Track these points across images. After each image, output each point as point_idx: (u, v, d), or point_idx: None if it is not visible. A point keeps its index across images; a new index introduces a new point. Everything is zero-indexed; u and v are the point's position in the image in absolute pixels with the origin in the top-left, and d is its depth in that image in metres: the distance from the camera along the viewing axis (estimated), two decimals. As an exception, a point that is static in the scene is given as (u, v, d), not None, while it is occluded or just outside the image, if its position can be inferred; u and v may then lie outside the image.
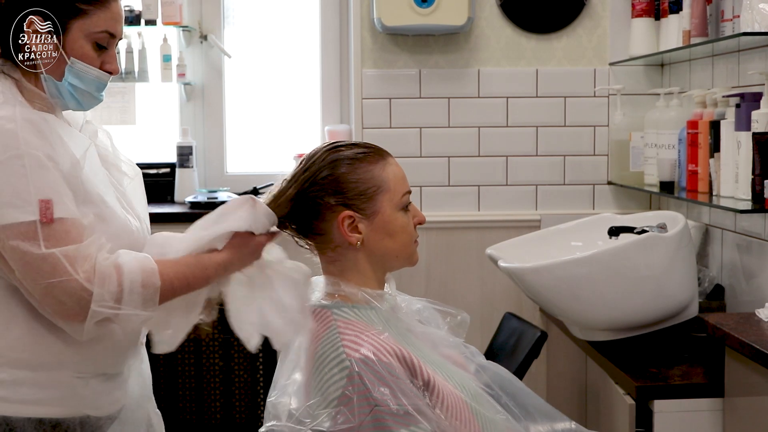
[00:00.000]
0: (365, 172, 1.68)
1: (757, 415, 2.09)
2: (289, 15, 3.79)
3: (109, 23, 1.71)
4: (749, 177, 2.50)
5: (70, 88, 1.71)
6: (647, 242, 2.48)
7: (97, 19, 1.69)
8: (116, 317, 1.62)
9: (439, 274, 3.51)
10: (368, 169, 1.68)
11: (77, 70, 1.70)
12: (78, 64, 1.70)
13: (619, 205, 3.54)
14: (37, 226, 1.58)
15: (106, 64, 1.74)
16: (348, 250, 1.69)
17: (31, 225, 1.58)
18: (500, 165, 3.53)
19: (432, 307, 1.83)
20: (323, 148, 1.73)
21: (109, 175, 1.80)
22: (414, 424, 1.50)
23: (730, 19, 2.67)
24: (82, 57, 1.70)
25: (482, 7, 3.47)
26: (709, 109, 2.81)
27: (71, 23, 1.68)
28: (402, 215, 1.71)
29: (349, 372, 1.52)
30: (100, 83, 1.74)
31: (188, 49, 3.71)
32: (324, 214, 1.68)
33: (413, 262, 1.75)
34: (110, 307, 1.60)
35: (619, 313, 2.53)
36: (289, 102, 3.81)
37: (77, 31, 1.69)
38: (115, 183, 1.81)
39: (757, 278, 2.70)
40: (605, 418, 2.55)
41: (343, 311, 1.65)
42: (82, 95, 1.73)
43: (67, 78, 1.70)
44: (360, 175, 1.68)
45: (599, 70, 3.51)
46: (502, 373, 1.75)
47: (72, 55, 1.69)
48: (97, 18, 1.69)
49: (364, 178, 1.68)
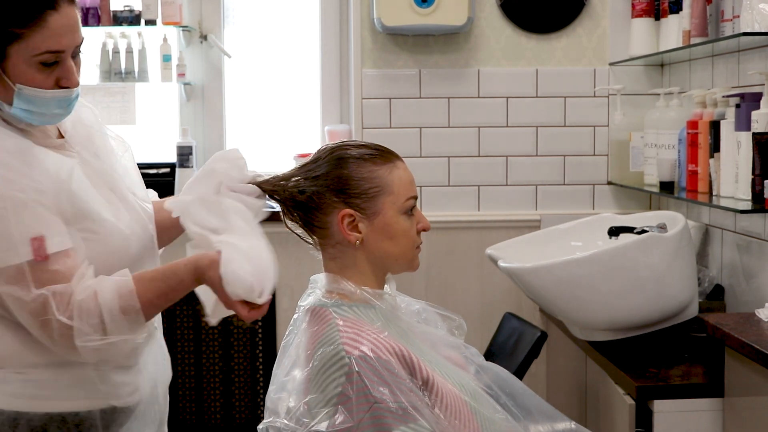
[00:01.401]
0: (369, 173, 1.68)
1: (757, 415, 2.09)
2: (289, 15, 3.79)
3: (50, 42, 1.58)
4: (749, 177, 2.50)
5: (23, 114, 1.62)
6: (647, 242, 2.48)
7: (34, 41, 1.57)
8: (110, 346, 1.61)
9: (439, 274, 3.51)
10: (372, 170, 1.69)
11: (26, 96, 1.60)
12: (25, 89, 1.60)
13: (619, 205, 3.54)
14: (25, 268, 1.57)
15: (62, 80, 1.62)
16: (348, 248, 1.69)
17: (20, 267, 1.57)
18: (500, 165, 3.53)
19: (431, 310, 1.83)
20: (332, 144, 1.75)
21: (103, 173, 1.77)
22: (413, 421, 1.50)
23: (730, 19, 2.68)
24: (27, 81, 1.59)
25: (482, 7, 3.47)
26: (709, 109, 2.81)
27: (9, 49, 1.57)
28: (404, 219, 1.70)
29: (348, 370, 1.52)
30: (60, 100, 1.64)
31: (188, 49, 3.71)
32: (326, 210, 1.68)
33: (414, 268, 1.75)
34: (96, 339, 1.60)
35: (619, 313, 2.53)
36: (289, 102, 3.81)
37: (16, 56, 1.58)
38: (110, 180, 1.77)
39: (757, 278, 2.70)
40: (605, 418, 2.55)
41: (342, 309, 1.65)
42: (42, 116, 1.64)
43: (16, 105, 1.60)
44: (364, 174, 1.68)
45: (599, 70, 3.51)
46: (501, 374, 1.75)
47: (17, 81, 1.59)
48: (34, 40, 1.57)
49: (367, 178, 1.68)
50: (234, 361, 3.53)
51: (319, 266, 1.76)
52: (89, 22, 3.63)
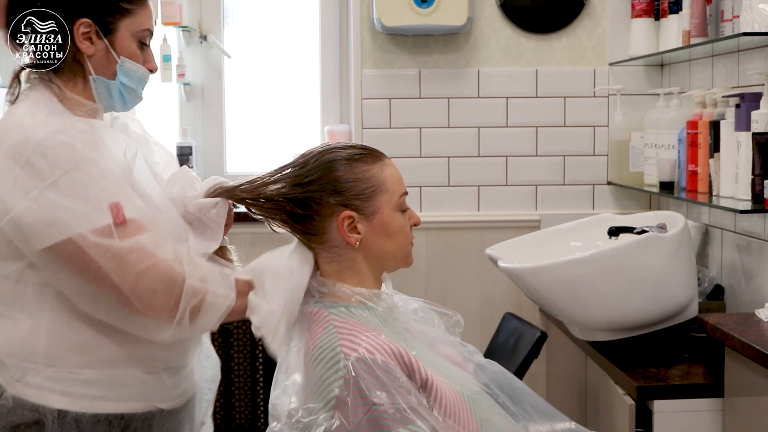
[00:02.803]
0: (363, 173, 1.68)
1: (757, 415, 2.09)
2: (289, 15, 3.79)
3: (149, 21, 1.74)
4: (749, 177, 2.50)
5: (120, 87, 1.72)
6: (647, 242, 2.48)
7: (140, 18, 1.72)
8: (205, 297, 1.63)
9: (438, 274, 3.50)
10: (366, 170, 1.69)
11: (126, 69, 1.72)
12: (127, 62, 1.72)
13: (618, 206, 3.54)
14: (112, 228, 1.59)
15: (146, 63, 1.76)
16: (345, 250, 1.69)
17: (106, 228, 1.59)
18: (500, 165, 3.53)
19: (428, 308, 1.83)
20: (318, 148, 1.74)
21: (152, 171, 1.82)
22: (411, 423, 1.50)
23: (730, 20, 2.68)
24: (130, 56, 1.72)
25: (482, 7, 3.47)
26: (708, 110, 2.81)
27: (119, 23, 1.70)
28: (400, 216, 1.71)
29: (346, 371, 1.52)
30: (143, 81, 1.77)
31: (188, 49, 3.71)
32: (322, 214, 1.68)
33: (409, 263, 1.76)
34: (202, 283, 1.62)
35: (619, 313, 2.52)
36: (289, 102, 3.81)
37: (125, 30, 1.71)
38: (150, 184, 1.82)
39: (757, 278, 2.70)
40: (605, 418, 2.55)
41: (339, 311, 1.65)
42: (129, 93, 1.75)
43: (118, 77, 1.72)
44: (358, 175, 1.68)
45: (599, 70, 3.51)
46: (500, 372, 1.75)
47: (121, 54, 1.71)
48: (140, 17, 1.72)
49: (362, 178, 1.68)
50: (234, 362, 3.53)
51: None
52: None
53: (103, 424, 1.69)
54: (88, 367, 1.69)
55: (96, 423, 1.68)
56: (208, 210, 1.73)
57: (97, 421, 1.69)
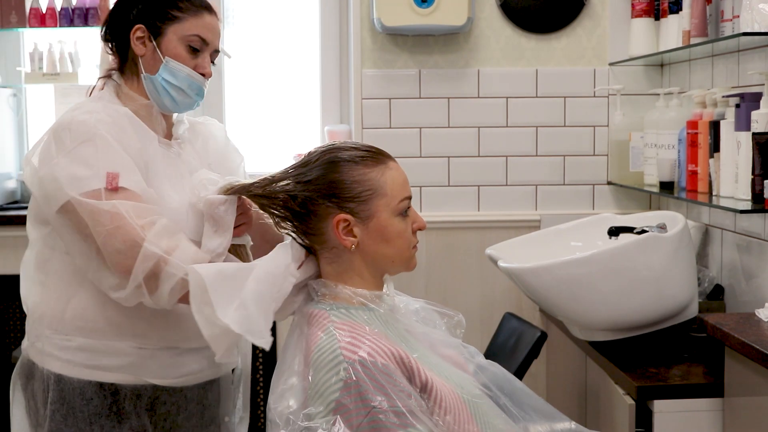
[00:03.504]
0: (361, 175, 1.67)
1: (757, 415, 2.09)
2: (289, 15, 3.79)
3: (201, 29, 1.93)
4: (749, 177, 2.50)
5: (164, 83, 1.92)
6: (647, 242, 2.47)
7: (189, 25, 1.92)
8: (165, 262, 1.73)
9: (438, 274, 3.50)
10: (365, 173, 1.67)
11: (171, 68, 1.92)
12: (172, 62, 1.92)
13: (618, 206, 3.54)
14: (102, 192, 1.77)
15: (199, 68, 1.94)
16: (344, 251, 1.68)
17: (98, 191, 1.77)
18: (500, 165, 3.53)
19: (430, 308, 1.82)
20: (322, 147, 1.73)
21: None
22: (411, 425, 1.50)
23: (730, 19, 2.68)
24: (175, 57, 1.92)
25: (482, 7, 3.47)
26: (708, 109, 2.81)
27: (166, 27, 1.92)
28: (399, 221, 1.69)
29: (346, 374, 1.52)
30: (192, 82, 1.93)
31: (188, 49, 3.70)
32: (320, 215, 1.67)
33: (410, 268, 1.74)
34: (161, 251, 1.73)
35: (619, 313, 2.52)
36: (289, 102, 3.81)
37: (171, 34, 1.92)
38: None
39: (757, 278, 2.70)
40: (605, 418, 2.55)
41: (340, 312, 1.64)
42: (176, 92, 1.93)
43: (161, 73, 1.92)
44: (356, 178, 1.66)
45: (599, 70, 3.51)
46: (501, 373, 1.75)
47: (167, 54, 1.92)
48: (188, 23, 1.92)
49: (359, 181, 1.66)
50: (234, 361, 3.53)
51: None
52: (89, 22, 3.64)
53: (95, 387, 1.88)
54: (82, 336, 1.87)
55: (88, 385, 1.88)
56: (216, 207, 1.80)
57: (89, 383, 1.88)
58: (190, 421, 1.98)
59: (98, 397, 1.88)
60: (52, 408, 1.88)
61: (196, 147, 2.04)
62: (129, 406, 1.89)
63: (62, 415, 1.88)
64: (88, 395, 1.88)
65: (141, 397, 1.90)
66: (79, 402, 1.87)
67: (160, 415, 1.93)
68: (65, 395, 1.88)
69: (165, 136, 1.98)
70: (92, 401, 1.87)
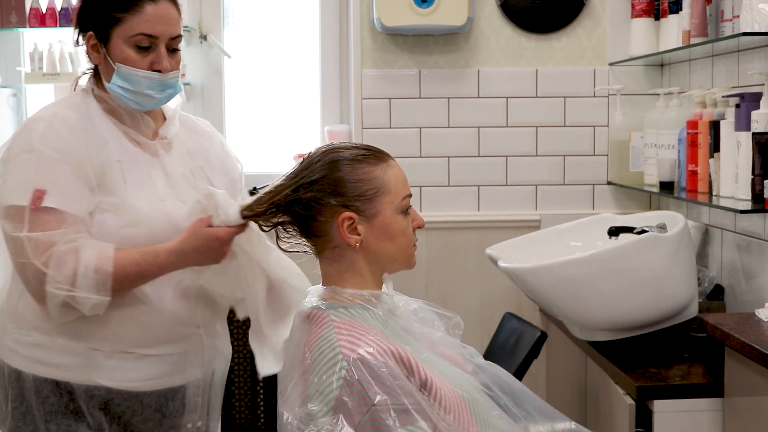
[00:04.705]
0: (365, 174, 1.68)
1: (757, 415, 2.09)
2: (289, 15, 3.79)
3: (144, 26, 1.84)
4: (749, 177, 2.50)
5: (119, 90, 1.86)
6: (647, 242, 2.47)
7: (130, 24, 1.84)
8: (72, 300, 1.75)
9: (438, 274, 3.50)
10: (368, 171, 1.68)
11: (123, 74, 1.85)
12: (123, 68, 1.85)
13: (618, 205, 3.54)
14: (26, 211, 1.76)
15: (155, 65, 1.86)
16: (346, 251, 1.69)
17: (21, 209, 1.76)
18: (500, 165, 3.53)
19: (428, 309, 1.82)
20: (323, 148, 1.73)
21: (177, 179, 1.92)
22: (412, 423, 1.50)
23: (730, 19, 2.67)
24: (125, 61, 1.85)
25: (482, 7, 3.47)
26: (708, 109, 2.81)
27: (111, 32, 1.85)
28: (402, 218, 1.70)
29: (346, 372, 1.52)
30: (151, 82, 1.86)
31: (188, 49, 3.70)
32: (324, 214, 1.67)
33: (411, 266, 1.75)
34: (64, 289, 1.74)
35: (619, 313, 2.52)
36: (289, 102, 3.81)
37: (116, 37, 1.85)
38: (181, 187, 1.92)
39: (757, 278, 2.70)
40: (605, 418, 2.55)
41: (339, 311, 1.65)
42: (135, 95, 1.87)
43: (114, 81, 1.86)
44: (360, 176, 1.67)
45: (599, 70, 3.51)
46: (500, 374, 1.75)
47: (117, 60, 1.85)
48: (130, 23, 1.83)
49: (364, 180, 1.67)
50: (234, 362, 3.53)
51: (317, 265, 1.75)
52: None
53: (51, 385, 1.85)
54: (38, 332, 1.85)
55: (45, 383, 1.85)
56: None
57: (46, 381, 1.85)
58: (145, 425, 1.93)
59: (54, 395, 1.85)
60: (12, 405, 1.87)
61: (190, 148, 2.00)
62: (84, 405, 1.86)
63: (21, 413, 1.86)
64: (44, 393, 1.85)
65: (94, 398, 1.87)
66: (35, 400, 1.85)
67: (114, 414, 1.90)
68: (24, 393, 1.86)
69: (152, 135, 1.94)
70: (48, 399, 1.85)
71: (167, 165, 1.92)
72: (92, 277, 1.75)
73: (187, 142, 2.01)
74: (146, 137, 1.93)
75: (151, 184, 1.88)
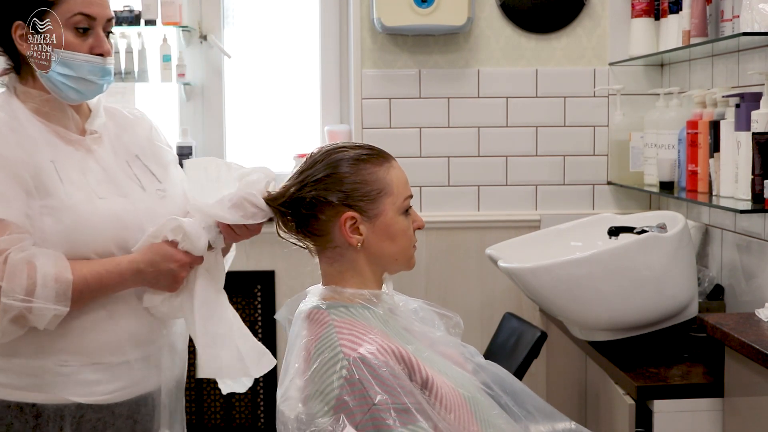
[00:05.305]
0: (369, 174, 1.68)
1: (757, 415, 2.09)
2: (289, 15, 3.79)
3: (82, 5, 1.75)
4: (749, 177, 2.50)
5: (61, 78, 1.76)
6: (647, 242, 2.48)
7: (67, 5, 1.75)
8: (29, 311, 1.66)
9: (438, 274, 3.51)
10: (372, 171, 1.68)
11: (63, 59, 1.75)
12: (63, 53, 1.75)
13: (618, 205, 3.54)
14: None
15: (95, 48, 1.78)
16: (347, 250, 1.69)
17: None
18: (500, 165, 3.53)
19: (428, 308, 1.83)
20: (326, 148, 1.73)
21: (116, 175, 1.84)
22: (412, 422, 1.50)
23: (730, 19, 2.68)
24: (65, 45, 1.75)
25: (482, 7, 3.47)
26: (708, 109, 2.82)
27: (47, 17, 1.75)
28: (403, 219, 1.70)
29: (346, 372, 1.52)
30: (93, 66, 1.78)
31: (188, 49, 3.71)
32: (326, 213, 1.67)
33: (411, 266, 1.75)
34: (21, 300, 1.65)
35: (619, 313, 2.53)
36: (289, 102, 3.81)
37: (54, 22, 1.75)
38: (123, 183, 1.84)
39: (757, 278, 2.70)
40: (605, 418, 2.55)
41: (339, 311, 1.65)
42: (77, 82, 1.78)
43: (54, 68, 1.76)
44: (364, 176, 1.67)
45: (599, 70, 3.51)
46: (501, 373, 1.75)
47: (55, 46, 1.75)
48: (66, 4, 1.75)
49: (367, 180, 1.67)
50: (234, 362, 3.53)
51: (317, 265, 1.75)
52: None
53: (14, 410, 1.74)
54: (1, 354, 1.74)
55: (7, 409, 1.74)
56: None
57: (8, 407, 1.74)
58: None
59: (19, 420, 1.74)
60: None
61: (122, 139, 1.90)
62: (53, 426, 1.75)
63: None
64: (7, 420, 1.75)
65: (65, 417, 1.76)
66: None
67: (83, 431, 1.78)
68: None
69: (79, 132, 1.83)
70: (13, 426, 1.74)
71: (102, 160, 1.83)
72: (52, 286, 1.67)
73: (117, 132, 1.91)
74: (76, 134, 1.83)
75: (88, 182, 1.78)
